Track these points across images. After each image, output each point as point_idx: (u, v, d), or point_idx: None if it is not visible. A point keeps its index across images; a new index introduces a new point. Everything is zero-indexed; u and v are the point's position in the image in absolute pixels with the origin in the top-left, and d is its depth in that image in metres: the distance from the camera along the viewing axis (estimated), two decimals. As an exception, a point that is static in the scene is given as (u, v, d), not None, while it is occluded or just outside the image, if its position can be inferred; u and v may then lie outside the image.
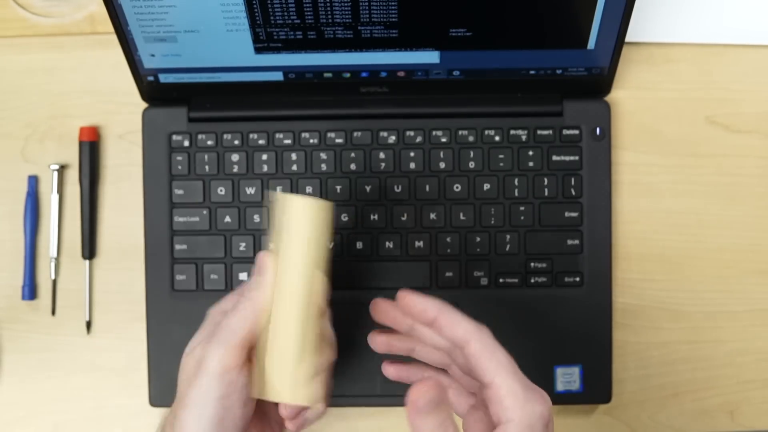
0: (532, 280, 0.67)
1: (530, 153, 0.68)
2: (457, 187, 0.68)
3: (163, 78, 0.66)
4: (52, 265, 0.70)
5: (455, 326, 0.51)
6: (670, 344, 0.69)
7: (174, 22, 0.61)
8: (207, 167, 0.68)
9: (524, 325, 0.67)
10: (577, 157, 0.68)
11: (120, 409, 0.69)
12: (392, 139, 0.68)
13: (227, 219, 0.68)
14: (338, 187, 0.68)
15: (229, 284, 0.68)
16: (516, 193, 0.68)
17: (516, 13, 0.61)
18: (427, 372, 0.57)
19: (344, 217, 0.68)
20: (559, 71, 0.66)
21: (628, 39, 0.64)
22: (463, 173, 0.68)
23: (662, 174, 0.70)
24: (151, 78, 0.66)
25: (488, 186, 0.68)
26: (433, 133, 0.68)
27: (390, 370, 0.57)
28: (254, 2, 0.60)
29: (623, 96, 0.71)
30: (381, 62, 0.65)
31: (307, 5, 0.60)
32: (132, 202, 0.70)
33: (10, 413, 0.70)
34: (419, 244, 0.67)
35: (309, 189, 0.68)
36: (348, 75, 0.66)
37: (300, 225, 0.51)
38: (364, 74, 0.66)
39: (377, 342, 0.57)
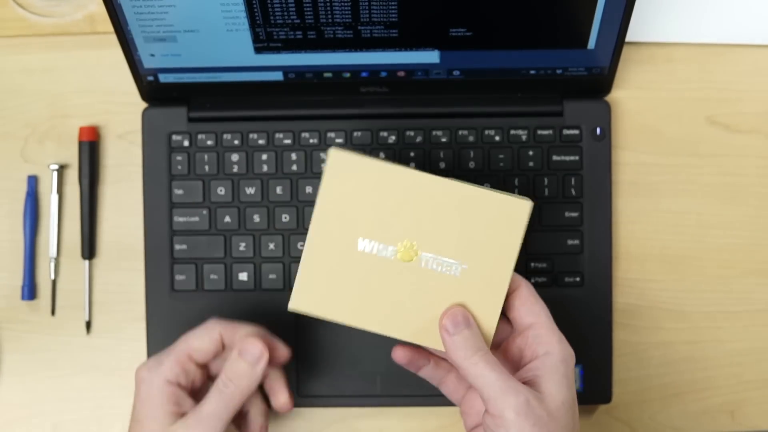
0: (532, 280, 0.67)
1: (530, 153, 0.68)
2: (457, 187, 0.68)
3: (163, 78, 0.66)
4: (52, 265, 0.70)
5: None
6: (670, 344, 0.69)
7: (174, 21, 0.61)
8: (207, 167, 0.68)
9: (524, 325, 0.67)
10: (577, 157, 0.68)
11: (120, 409, 0.69)
12: (392, 139, 0.68)
13: (227, 219, 0.68)
14: (338, 187, 0.68)
15: (229, 284, 0.68)
16: (516, 194, 0.68)
17: (516, 13, 0.61)
18: (433, 357, 0.59)
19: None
20: (559, 71, 0.66)
21: (628, 39, 0.63)
22: (463, 173, 0.68)
23: (662, 174, 0.70)
24: (150, 78, 0.66)
25: (488, 186, 0.68)
26: (433, 133, 0.68)
27: (400, 353, 0.58)
28: (254, 2, 0.60)
29: (623, 96, 0.71)
30: (381, 62, 0.65)
31: (307, 5, 0.60)
32: (132, 202, 0.70)
33: (10, 413, 0.70)
34: (419, 244, 0.67)
35: (309, 189, 0.68)
36: (348, 75, 0.66)
37: (522, 225, 0.55)
38: (364, 74, 0.66)
39: (400, 355, 0.59)
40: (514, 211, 0.54)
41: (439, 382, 0.59)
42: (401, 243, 0.54)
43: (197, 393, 0.58)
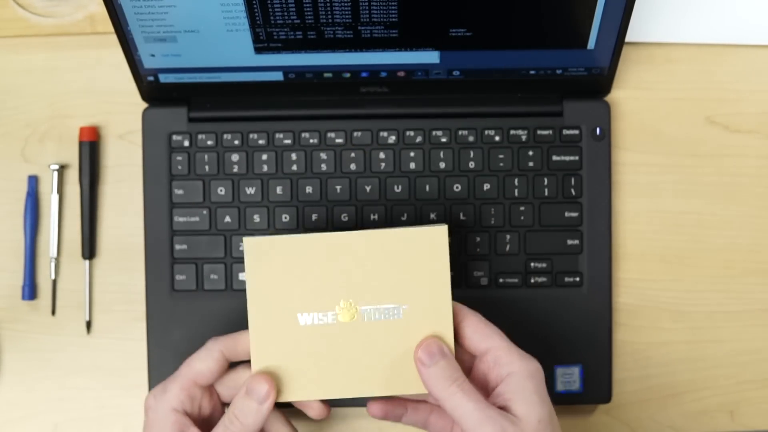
0: (532, 280, 0.67)
1: (530, 153, 0.68)
2: (457, 187, 0.68)
3: (163, 78, 0.66)
4: (52, 265, 0.70)
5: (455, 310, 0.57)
6: (670, 344, 0.69)
7: (174, 22, 0.61)
8: (207, 167, 0.68)
9: (524, 325, 0.67)
10: (577, 157, 0.68)
11: (120, 409, 0.69)
12: (392, 139, 0.68)
13: (227, 219, 0.68)
14: (338, 187, 0.68)
15: (229, 284, 0.68)
16: (516, 193, 0.68)
17: (516, 13, 0.61)
18: (409, 403, 0.59)
19: (344, 217, 0.68)
20: (559, 71, 0.66)
21: (628, 39, 0.64)
22: (463, 173, 0.68)
23: (662, 174, 0.70)
24: (151, 78, 0.66)
25: (488, 186, 0.68)
26: (433, 133, 0.68)
27: (374, 408, 0.59)
28: (254, 2, 0.60)
29: (623, 96, 0.71)
30: (381, 62, 0.65)
31: (307, 5, 0.60)
32: (132, 202, 0.70)
33: (10, 413, 0.70)
34: (419, 244, 0.67)
35: (309, 189, 0.68)
36: (348, 75, 0.66)
37: (444, 250, 0.55)
38: (364, 74, 0.66)
39: (375, 410, 0.59)
40: (432, 240, 0.55)
41: (424, 424, 0.59)
42: (338, 305, 0.55)
43: (206, 420, 0.58)
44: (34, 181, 0.70)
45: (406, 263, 0.55)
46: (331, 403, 0.67)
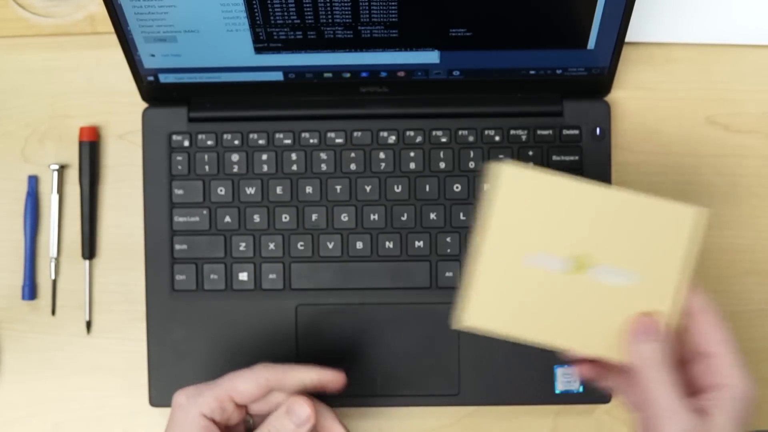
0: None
1: (530, 153, 0.68)
2: (457, 187, 0.68)
3: (163, 78, 0.66)
4: (52, 265, 0.70)
5: (691, 294, 0.54)
6: (670, 344, 0.69)
7: (174, 22, 0.61)
8: (207, 167, 0.68)
9: (524, 325, 0.67)
10: (577, 157, 0.68)
11: (120, 409, 0.69)
12: (392, 139, 0.68)
13: (227, 219, 0.68)
14: (338, 187, 0.68)
15: (229, 284, 0.68)
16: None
17: (516, 13, 0.61)
18: (616, 368, 0.57)
19: (344, 217, 0.68)
20: (559, 71, 0.66)
21: (628, 39, 0.64)
22: (463, 173, 0.68)
23: (662, 174, 0.70)
24: (151, 78, 0.66)
25: (488, 186, 0.68)
26: (433, 133, 0.68)
27: (585, 369, 0.57)
28: (254, 2, 0.60)
29: (623, 96, 0.71)
30: (381, 62, 0.65)
31: (307, 5, 0.60)
32: (132, 202, 0.70)
33: (10, 413, 0.70)
34: (419, 244, 0.67)
35: (309, 189, 0.68)
36: (348, 75, 0.66)
37: (686, 232, 0.54)
38: (364, 74, 0.66)
39: (586, 370, 0.58)
40: (681, 219, 0.53)
41: (623, 391, 0.57)
42: (574, 255, 0.53)
43: (231, 430, 0.58)
44: (34, 181, 0.70)
45: (650, 234, 0.53)
46: (339, 404, 0.68)
